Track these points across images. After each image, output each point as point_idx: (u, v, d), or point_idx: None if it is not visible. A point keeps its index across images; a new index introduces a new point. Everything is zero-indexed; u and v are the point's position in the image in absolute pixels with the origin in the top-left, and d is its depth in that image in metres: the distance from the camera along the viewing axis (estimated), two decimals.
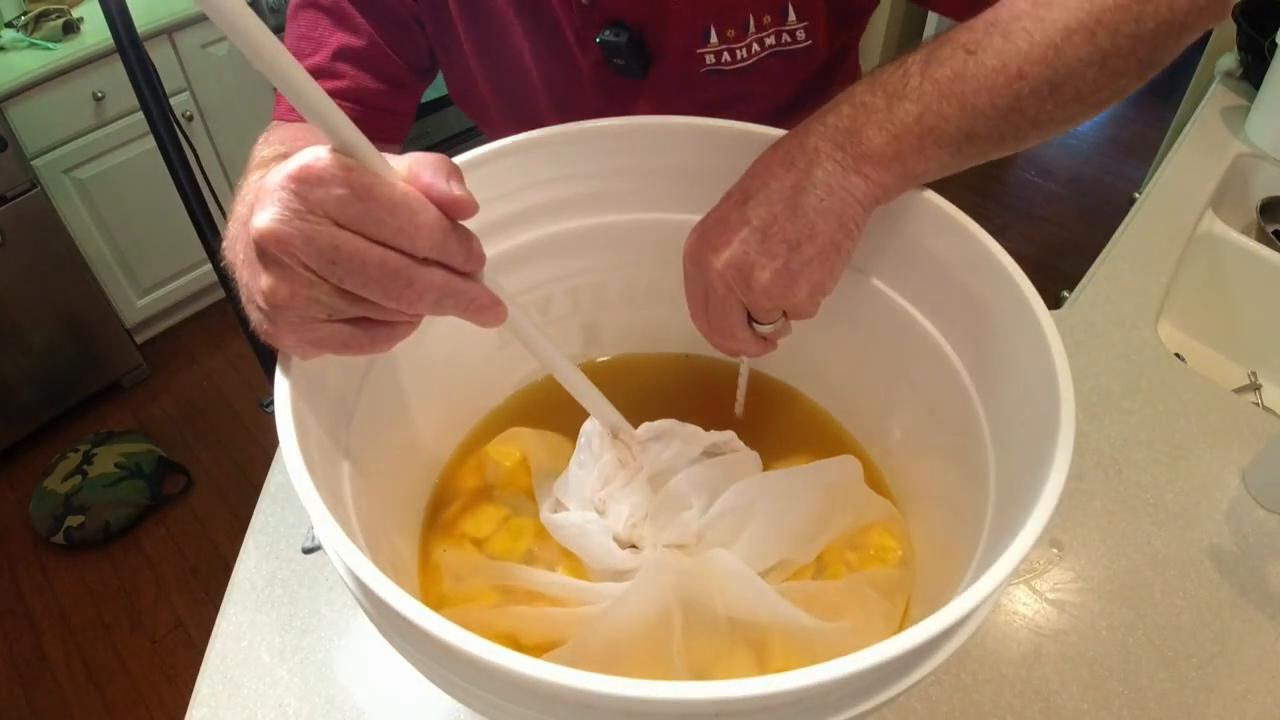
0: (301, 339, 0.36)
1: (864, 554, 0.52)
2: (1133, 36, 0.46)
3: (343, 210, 0.32)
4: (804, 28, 0.62)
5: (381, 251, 0.32)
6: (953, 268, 0.49)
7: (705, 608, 0.47)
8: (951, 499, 0.51)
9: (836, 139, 0.45)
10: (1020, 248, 2.45)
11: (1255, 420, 0.79)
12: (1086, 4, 0.45)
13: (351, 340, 0.36)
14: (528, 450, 0.58)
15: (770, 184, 0.46)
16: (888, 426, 0.59)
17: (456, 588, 0.51)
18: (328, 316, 0.34)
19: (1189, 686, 0.60)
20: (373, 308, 0.34)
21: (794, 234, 0.45)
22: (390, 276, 0.33)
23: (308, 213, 0.32)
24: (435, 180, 0.33)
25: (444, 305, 0.35)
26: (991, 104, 0.46)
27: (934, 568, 0.50)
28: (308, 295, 0.33)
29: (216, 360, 2.25)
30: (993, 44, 0.46)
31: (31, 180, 1.76)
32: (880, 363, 0.58)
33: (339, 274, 0.32)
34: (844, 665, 0.30)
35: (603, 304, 0.64)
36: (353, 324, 0.35)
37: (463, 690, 0.36)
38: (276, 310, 0.34)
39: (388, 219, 0.32)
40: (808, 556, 0.51)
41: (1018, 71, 0.45)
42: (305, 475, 0.36)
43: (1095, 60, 0.46)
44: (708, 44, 0.62)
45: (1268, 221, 1.10)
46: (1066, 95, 0.47)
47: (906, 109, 0.45)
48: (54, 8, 1.83)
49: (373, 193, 0.32)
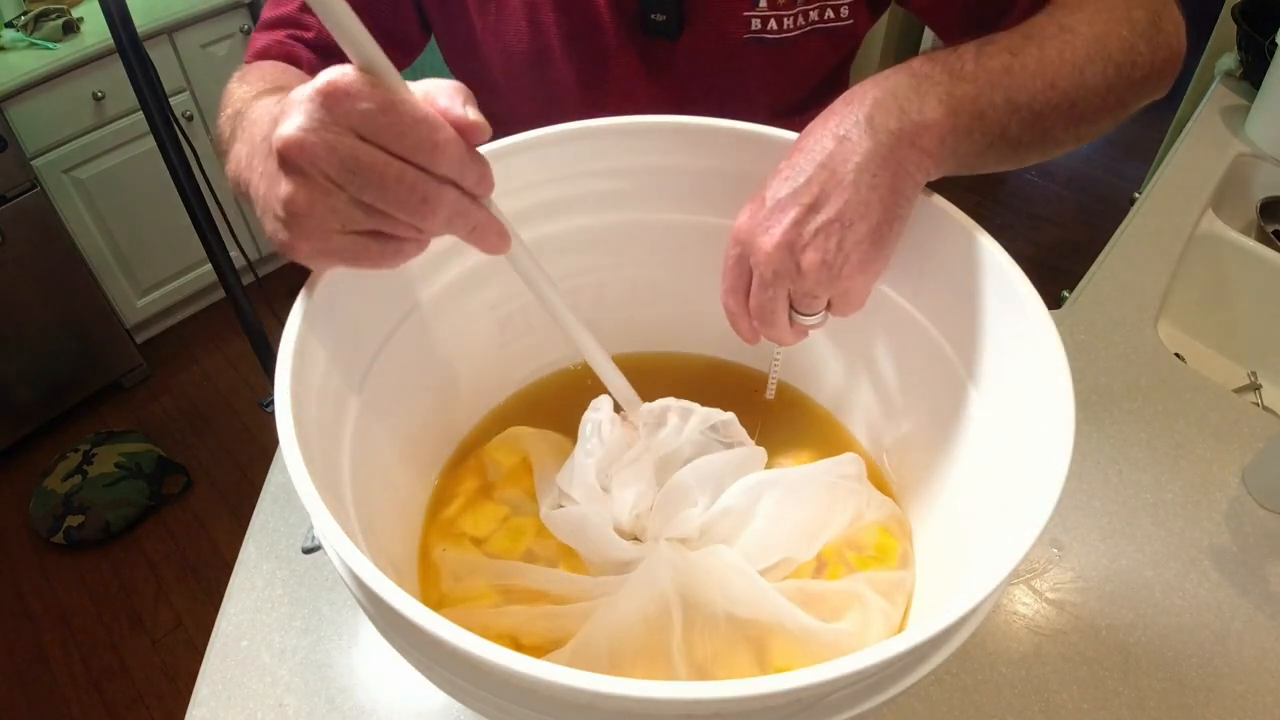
0: (316, 248, 0.37)
1: (864, 554, 0.52)
2: (1127, 80, 0.50)
3: (365, 124, 0.33)
4: (848, 4, 0.63)
5: (400, 165, 0.34)
6: (953, 267, 0.49)
7: (705, 604, 0.47)
8: (951, 499, 0.51)
9: (894, 105, 0.45)
10: (1020, 248, 2.44)
11: (1255, 420, 0.79)
12: (1098, 42, 0.49)
13: (363, 252, 0.37)
14: (529, 449, 0.58)
15: (821, 159, 0.45)
16: (887, 426, 0.59)
17: (456, 587, 0.51)
18: (342, 227, 0.36)
19: (1189, 686, 0.60)
20: (386, 220, 0.36)
21: (848, 213, 0.44)
22: (407, 190, 0.34)
23: (332, 124, 0.33)
24: (451, 104, 0.35)
25: (454, 224, 0.37)
26: (1029, 105, 0.47)
27: (934, 568, 0.50)
28: (326, 204, 0.34)
29: (216, 360, 2.25)
30: (1031, 52, 0.48)
31: (31, 180, 1.76)
32: (880, 362, 0.58)
33: (358, 184, 0.34)
34: (844, 665, 0.30)
35: (603, 304, 0.64)
36: (366, 236, 0.37)
37: (462, 690, 0.36)
38: (294, 218, 0.35)
39: (408, 134, 0.33)
40: (808, 554, 0.51)
41: (1051, 82, 0.48)
42: (305, 475, 0.36)
43: (1102, 89, 0.49)
44: (757, 7, 0.62)
45: (1268, 221, 1.10)
46: (1076, 116, 0.49)
47: (964, 88, 0.46)
48: (54, 8, 1.83)
49: (395, 109, 0.33)
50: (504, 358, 0.63)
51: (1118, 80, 0.50)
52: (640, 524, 0.52)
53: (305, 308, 0.43)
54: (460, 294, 0.57)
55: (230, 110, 0.52)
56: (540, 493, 0.55)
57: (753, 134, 0.53)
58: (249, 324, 1.17)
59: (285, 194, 0.35)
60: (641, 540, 0.52)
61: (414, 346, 0.54)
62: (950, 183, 0.48)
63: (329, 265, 0.39)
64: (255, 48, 0.63)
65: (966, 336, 0.50)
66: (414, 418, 0.56)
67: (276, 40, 0.63)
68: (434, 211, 0.35)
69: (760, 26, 0.63)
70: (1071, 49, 0.48)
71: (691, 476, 0.53)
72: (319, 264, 0.39)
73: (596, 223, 0.60)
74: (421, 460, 0.58)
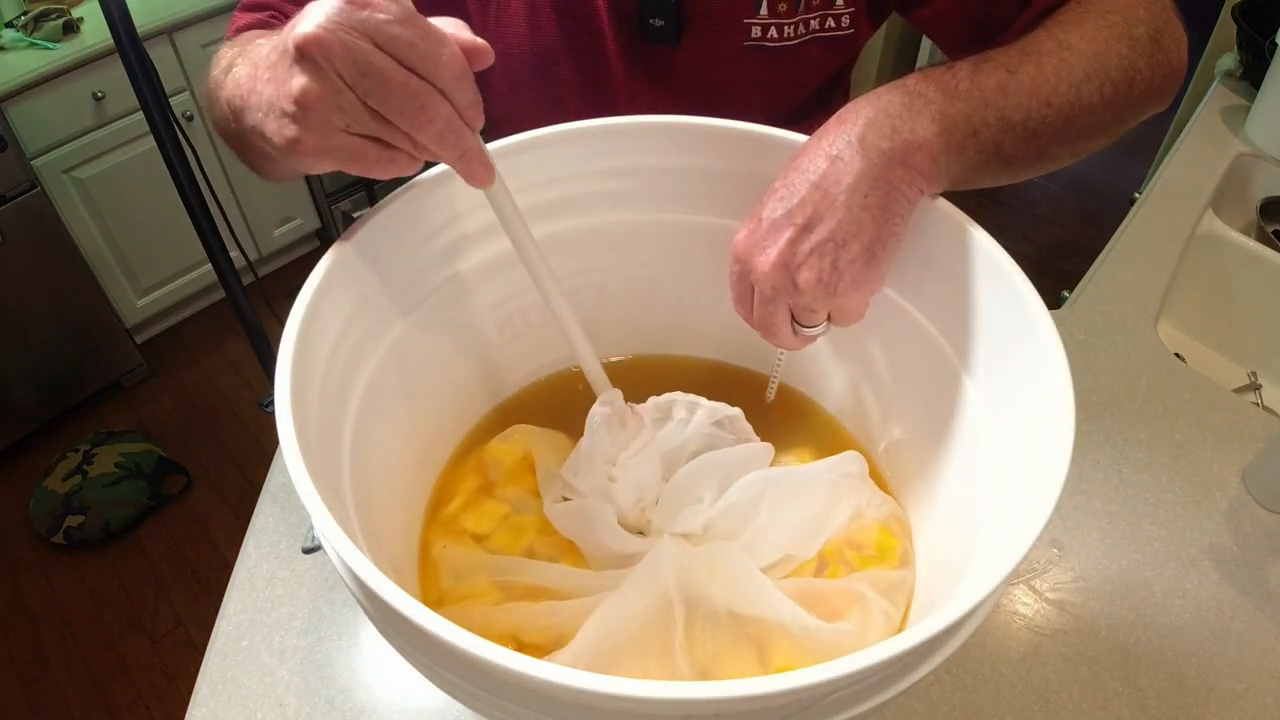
0: (320, 143, 0.39)
1: (864, 553, 0.52)
2: (1125, 97, 0.50)
3: (381, 31, 0.36)
4: (849, 14, 0.63)
5: (405, 74, 0.37)
6: (953, 267, 0.49)
7: (707, 601, 0.47)
8: (951, 499, 0.51)
9: (887, 124, 0.45)
10: (1020, 248, 2.45)
11: (1255, 420, 0.79)
12: (1096, 60, 0.49)
13: (360, 154, 0.39)
14: (530, 447, 0.58)
15: (815, 179, 0.45)
16: (887, 426, 0.59)
17: (456, 585, 0.51)
18: (346, 126, 0.38)
19: (1189, 686, 0.60)
20: (386, 128, 0.38)
21: (840, 233, 0.44)
22: (409, 96, 0.37)
23: (351, 27, 0.36)
24: (458, 30, 0.39)
25: (445, 141, 0.39)
26: (1023, 124, 0.48)
27: (934, 568, 0.50)
28: (334, 101, 0.37)
29: (216, 360, 2.25)
30: (1028, 70, 0.48)
31: (31, 180, 1.76)
32: (880, 363, 0.57)
33: (365, 86, 0.37)
34: (844, 665, 0.30)
35: (603, 304, 0.64)
36: (366, 140, 0.39)
37: (462, 690, 0.36)
38: (304, 111, 0.38)
39: (419, 44, 0.37)
40: (810, 552, 0.52)
41: (1046, 100, 0.48)
42: (305, 474, 0.36)
43: (1099, 107, 0.50)
44: (758, 15, 0.62)
45: (1268, 221, 1.11)
46: (1072, 133, 0.50)
47: (959, 106, 0.46)
48: (54, 8, 1.83)
49: (410, 20, 0.37)
50: (504, 358, 0.63)
51: (1115, 98, 0.50)
52: (644, 517, 0.53)
53: (305, 308, 0.43)
54: (460, 294, 0.57)
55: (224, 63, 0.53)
56: (544, 488, 0.55)
57: (753, 134, 0.53)
58: (249, 324, 1.17)
59: (298, 87, 0.37)
60: (645, 534, 0.52)
61: (414, 346, 0.54)
62: None
63: (328, 165, 0.41)
64: (238, 25, 0.65)
65: (966, 337, 0.50)
66: (415, 417, 0.56)
67: (260, 19, 0.64)
68: (430, 121, 0.38)
69: (760, 35, 0.63)
70: (1069, 66, 0.49)
71: (698, 470, 0.53)
72: (320, 162, 0.41)
73: (596, 223, 0.60)
74: (422, 460, 0.58)
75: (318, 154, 0.40)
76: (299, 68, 0.37)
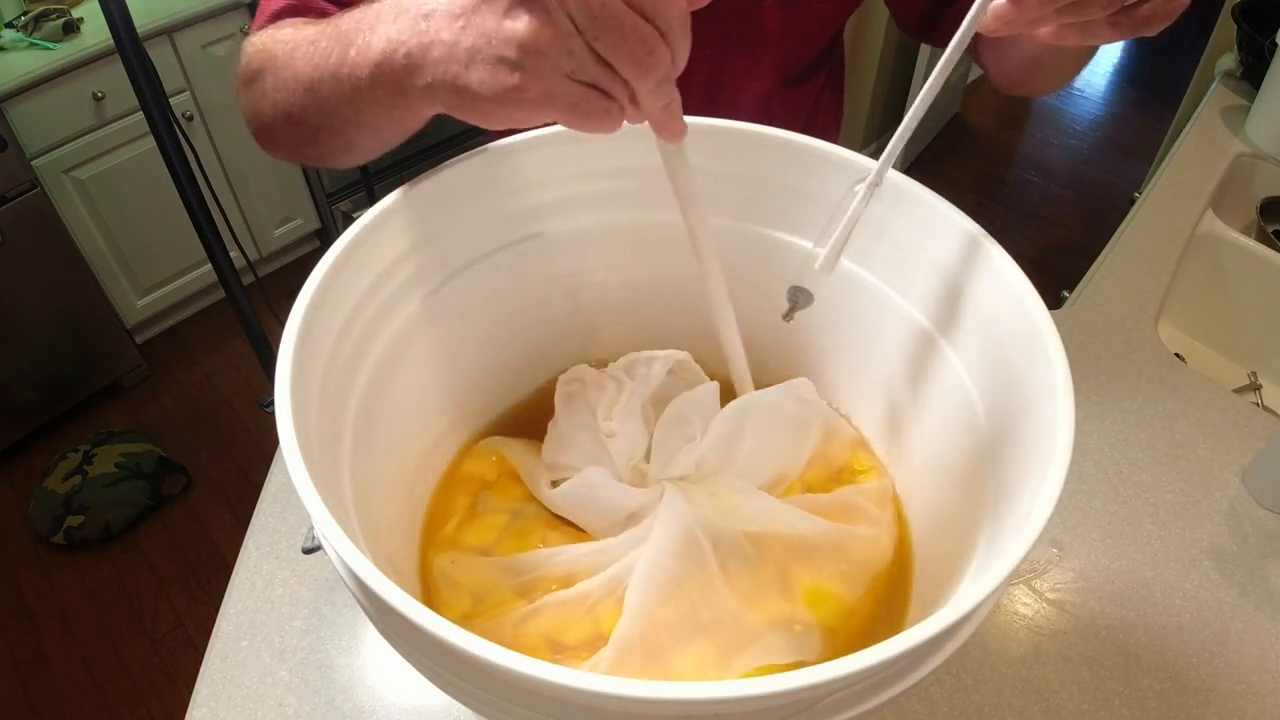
0: (546, 89, 0.37)
1: (842, 471, 0.56)
2: None
3: None
4: None
5: (636, 18, 0.35)
6: (952, 268, 0.49)
7: (726, 532, 0.48)
8: (951, 498, 0.51)
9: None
10: (1020, 248, 2.45)
11: (1255, 420, 0.79)
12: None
13: (583, 102, 0.37)
14: (504, 453, 0.58)
15: None
16: (886, 426, 0.59)
17: (478, 606, 0.50)
18: (572, 72, 0.36)
19: (1189, 686, 0.60)
20: (607, 76, 0.37)
21: None
22: (639, 41, 0.35)
23: None
24: None
25: (661, 90, 0.38)
26: None
27: (934, 568, 0.50)
28: (563, 45, 0.35)
29: (216, 360, 2.25)
30: None
31: (31, 180, 1.76)
32: (878, 362, 0.58)
33: (596, 30, 0.35)
34: (844, 665, 0.30)
35: (603, 305, 0.64)
36: (588, 88, 0.37)
37: (462, 690, 0.36)
38: (530, 56, 0.36)
39: None
40: (798, 467, 0.54)
41: None
42: (305, 475, 0.36)
43: None
44: None
45: (1268, 221, 1.11)
46: None
47: None
48: (54, 8, 1.83)
49: None
50: (505, 357, 0.63)
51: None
52: (639, 471, 0.53)
53: (305, 308, 0.43)
54: (460, 294, 0.57)
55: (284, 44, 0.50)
56: (533, 485, 0.55)
57: (754, 134, 0.53)
58: (249, 324, 1.17)
59: (527, 30, 0.35)
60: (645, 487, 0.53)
61: (414, 346, 0.54)
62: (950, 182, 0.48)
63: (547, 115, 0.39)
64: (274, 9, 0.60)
65: (966, 336, 0.50)
66: (415, 416, 0.56)
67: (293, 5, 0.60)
68: (654, 68, 0.36)
69: None
70: None
71: (676, 414, 0.55)
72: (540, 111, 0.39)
73: (597, 222, 0.60)
74: (423, 459, 0.58)
75: (540, 103, 0.38)
76: (523, 9, 0.35)
